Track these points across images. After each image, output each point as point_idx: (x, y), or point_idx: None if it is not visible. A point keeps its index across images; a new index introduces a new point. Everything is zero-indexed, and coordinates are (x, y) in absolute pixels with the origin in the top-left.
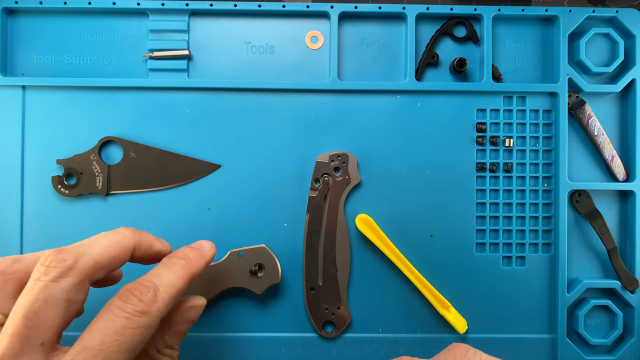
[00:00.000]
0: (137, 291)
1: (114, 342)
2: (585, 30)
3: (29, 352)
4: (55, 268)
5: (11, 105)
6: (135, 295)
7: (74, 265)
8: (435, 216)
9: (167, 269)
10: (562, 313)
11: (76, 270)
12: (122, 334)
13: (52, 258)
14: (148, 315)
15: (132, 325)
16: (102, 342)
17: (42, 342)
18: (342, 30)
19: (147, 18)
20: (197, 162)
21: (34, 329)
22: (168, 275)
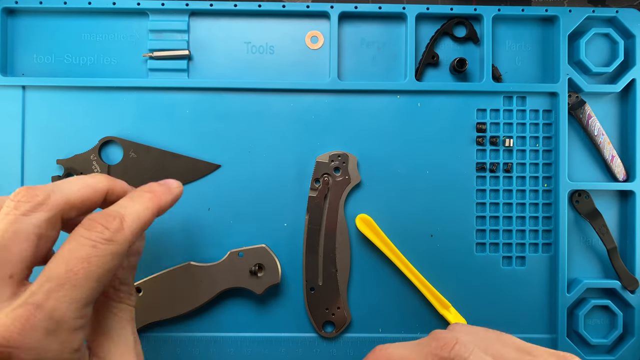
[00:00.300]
0: (103, 219)
1: (80, 270)
2: (585, 30)
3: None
4: (26, 202)
5: (11, 105)
6: (100, 224)
7: (45, 201)
8: (435, 216)
9: (133, 200)
10: (562, 313)
11: (47, 206)
12: (89, 262)
13: (23, 193)
14: (115, 244)
15: (98, 253)
16: (68, 270)
17: (10, 274)
18: (342, 30)
19: (147, 18)
20: (197, 162)
21: (3, 260)
22: (135, 205)
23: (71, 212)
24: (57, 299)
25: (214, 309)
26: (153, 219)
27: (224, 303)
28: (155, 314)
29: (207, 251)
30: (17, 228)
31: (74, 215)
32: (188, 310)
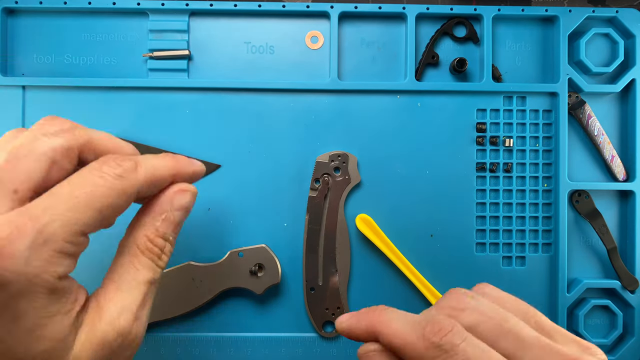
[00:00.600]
0: (118, 158)
1: (83, 195)
2: (585, 30)
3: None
4: (50, 126)
5: (11, 105)
6: (114, 160)
7: (69, 130)
8: (435, 216)
9: (153, 156)
10: (562, 313)
11: (69, 135)
12: (93, 190)
13: (50, 118)
14: (124, 181)
15: (105, 184)
16: (71, 192)
17: (15, 189)
18: (342, 30)
19: (147, 18)
20: None
21: (11, 172)
22: (153, 159)
23: (90, 155)
24: (52, 216)
25: (214, 309)
26: (169, 178)
27: (224, 303)
28: (155, 314)
29: (207, 251)
30: (33, 146)
31: (91, 158)
32: (188, 310)
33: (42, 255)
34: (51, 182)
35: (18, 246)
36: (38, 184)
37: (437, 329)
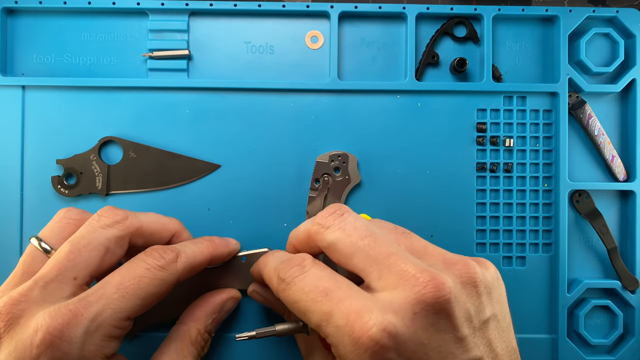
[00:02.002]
0: (162, 249)
1: (130, 285)
2: (585, 30)
3: (61, 282)
4: (107, 218)
5: (11, 105)
6: (158, 252)
7: (122, 220)
8: (435, 216)
9: (192, 243)
10: (562, 313)
11: (122, 225)
12: (139, 281)
13: (107, 209)
14: (165, 272)
15: (149, 275)
16: (120, 282)
17: (75, 276)
18: (342, 30)
19: (147, 18)
20: (197, 162)
21: (73, 262)
22: (193, 247)
23: (139, 239)
24: (104, 305)
25: None
26: (206, 263)
27: None
28: (156, 315)
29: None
30: (92, 238)
31: (140, 243)
32: None
33: (94, 339)
34: (105, 267)
35: (75, 332)
36: (94, 270)
37: (285, 266)
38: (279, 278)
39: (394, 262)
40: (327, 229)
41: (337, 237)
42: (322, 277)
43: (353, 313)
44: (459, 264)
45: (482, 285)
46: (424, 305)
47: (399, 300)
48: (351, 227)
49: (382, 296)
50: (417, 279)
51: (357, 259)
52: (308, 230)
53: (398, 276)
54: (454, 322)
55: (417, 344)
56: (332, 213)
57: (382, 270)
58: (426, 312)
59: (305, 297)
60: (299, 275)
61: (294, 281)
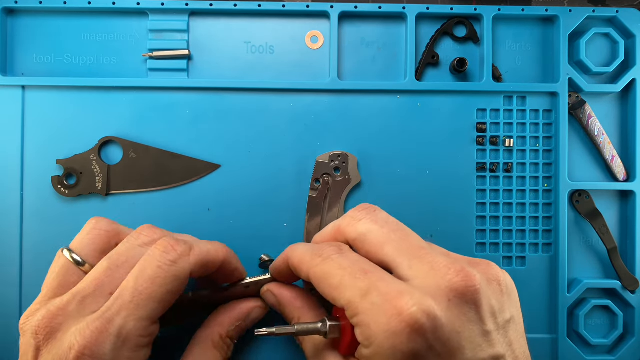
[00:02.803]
0: (174, 242)
1: (145, 290)
2: (585, 30)
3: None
4: (145, 237)
5: (11, 105)
6: (171, 245)
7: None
8: (435, 216)
9: (208, 242)
10: (563, 313)
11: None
12: (153, 282)
13: (147, 227)
14: (177, 266)
15: (162, 275)
16: (135, 288)
17: (111, 292)
18: (342, 30)
19: (147, 18)
20: (197, 162)
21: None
22: (207, 245)
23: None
24: (125, 316)
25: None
26: (218, 264)
27: None
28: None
29: None
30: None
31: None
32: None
33: (124, 353)
34: None
35: (104, 349)
36: None
37: (322, 247)
38: (314, 254)
39: (425, 254)
40: (360, 221)
41: (370, 227)
42: (361, 259)
43: (394, 291)
44: (483, 264)
45: (504, 285)
46: (456, 293)
47: (433, 288)
48: (383, 220)
49: (416, 283)
50: (448, 268)
51: (389, 249)
52: (338, 224)
53: (429, 266)
54: (481, 314)
55: (451, 331)
56: (365, 208)
57: (413, 260)
58: (458, 300)
59: (343, 271)
60: (337, 254)
61: (331, 257)
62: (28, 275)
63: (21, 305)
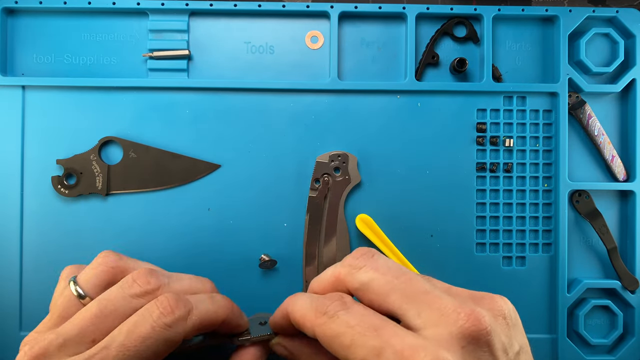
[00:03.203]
0: (174, 302)
1: (132, 348)
2: (585, 30)
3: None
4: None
5: (11, 105)
6: (170, 305)
7: (152, 292)
8: (435, 216)
9: (210, 300)
10: (562, 313)
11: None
12: (143, 342)
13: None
14: (172, 330)
15: (154, 336)
16: (123, 343)
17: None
18: (342, 30)
19: (147, 18)
20: (197, 162)
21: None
22: (209, 305)
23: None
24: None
25: None
26: (217, 324)
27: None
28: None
29: (206, 252)
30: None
31: None
32: None
33: None
34: None
35: None
36: None
37: (324, 302)
38: (317, 312)
39: (432, 299)
40: (360, 270)
41: (371, 276)
42: (367, 313)
43: (408, 349)
44: (486, 299)
45: (509, 318)
46: (469, 339)
47: (445, 336)
48: (385, 266)
49: (428, 333)
50: (458, 313)
51: (394, 298)
52: (337, 273)
53: (438, 312)
54: (495, 354)
55: None
56: (362, 254)
57: (421, 307)
58: (472, 345)
59: (352, 330)
60: (342, 310)
61: (337, 314)
62: (28, 275)
63: (21, 305)
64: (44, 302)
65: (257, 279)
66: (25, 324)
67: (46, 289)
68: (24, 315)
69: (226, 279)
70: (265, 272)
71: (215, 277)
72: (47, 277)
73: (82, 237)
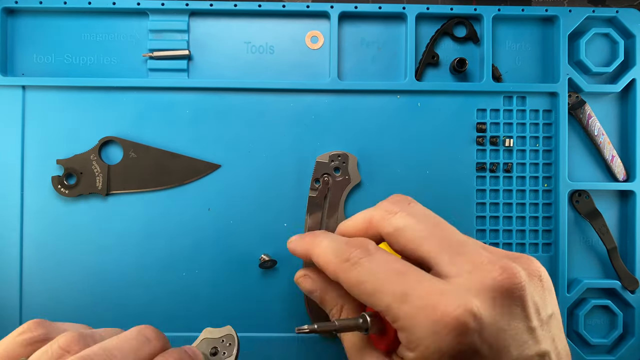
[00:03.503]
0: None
1: None
2: (585, 30)
3: None
4: None
5: (11, 105)
6: None
7: None
8: None
9: None
10: (562, 313)
11: None
12: None
13: None
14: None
15: None
16: None
17: None
18: (342, 30)
19: (147, 18)
20: (197, 162)
21: None
22: None
23: None
24: None
25: (214, 309)
26: None
27: (224, 303)
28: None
29: (206, 252)
30: None
31: None
32: None
33: None
34: None
35: None
36: None
37: (349, 247)
38: (339, 258)
39: (468, 250)
40: (395, 214)
41: (406, 222)
42: (391, 259)
43: (435, 294)
44: (523, 258)
45: (545, 280)
46: (502, 291)
47: (477, 285)
48: (422, 214)
49: (459, 281)
50: (493, 264)
51: (428, 245)
52: (370, 216)
53: (472, 263)
54: (527, 311)
55: (498, 329)
56: (399, 200)
57: (454, 256)
58: (503, 298)
59: (375, 277)
60: (366, 257)
61: (360, 262)
62: (28, 275)
63: (21, 305)
64: (44, 302)
65: (257, 279)
66: None
67: (46, 289)
68: (24, 315)
69: (226, 279)
70: (265, 272)
71: (215, 277)
72: (47, 277)
73: (82, 237)
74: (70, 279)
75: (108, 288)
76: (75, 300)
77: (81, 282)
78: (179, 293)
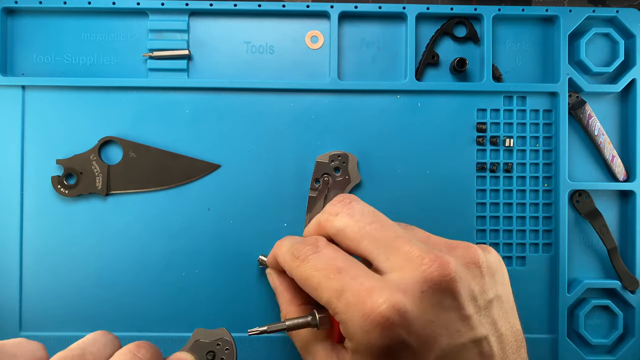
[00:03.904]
0: None
1: None
2: (585, 30)
3: None
4: None
5: (11, 105)
6: None
7: None
8: (435, 216)
9: None
10: (563, 313)
11: None
12: None
13: None
14: None
15: None
16: None
17: None
18: (342, 30)
19: (147, 18)
20: (197, 162)
21: None
22: None
23: None
24: None
25: (214, 308)
26: None
27: (224, 303)
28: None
29: (206, 252)
30: None
31: None
32: None
33: None
34: None
35: None
36: None
37: (299, 246)
38: (292, 256)
39: (401, 244)
40: (336, 216)
41: (346, 222)
42: (335, 256)
43: (364, 291)
44: (460, 247)
45: (485, 267)
46: (430, 284)
47: (407, 280)
48: (359, 213)
49: (391, 277)
50: (422, 259)
51: (365, 243)
52: (319, 219)
53: (405, 257)
54: (459, 300)
55: (425, 321)
56: (340, 201)
57: (389, 252)
58: (433, 290)
59: (318, 273)
60: (313, 254)
61: (307, 259)
62: (28, 274)
63: (21, 305)
64: (44, 302)
65: (257, 279)
66: (25, 324)
67: (46, 289)
68: (24, 316)
69: (226, 279)
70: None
71: (215, 277)
72: (46, 276)
73: (82, 237)
74: (70, 278)
75: (108, 288)
76: (75, 300)
77: (81, 282)
78: (179, 293)
